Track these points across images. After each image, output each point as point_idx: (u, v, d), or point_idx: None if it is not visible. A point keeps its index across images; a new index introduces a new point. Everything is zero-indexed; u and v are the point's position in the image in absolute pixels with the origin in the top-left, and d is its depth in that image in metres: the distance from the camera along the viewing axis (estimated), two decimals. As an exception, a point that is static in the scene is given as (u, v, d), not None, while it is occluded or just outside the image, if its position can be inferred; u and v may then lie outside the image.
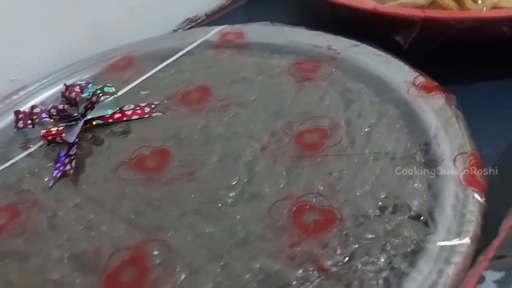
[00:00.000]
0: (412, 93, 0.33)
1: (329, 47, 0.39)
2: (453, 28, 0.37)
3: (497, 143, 0.33)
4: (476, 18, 0.36)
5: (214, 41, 0.43)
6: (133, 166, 0.32)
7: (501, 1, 0.37)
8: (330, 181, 0.28)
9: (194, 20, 0.55)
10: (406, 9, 0.38)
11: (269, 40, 0.42)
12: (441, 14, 0.37)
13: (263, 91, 0.37)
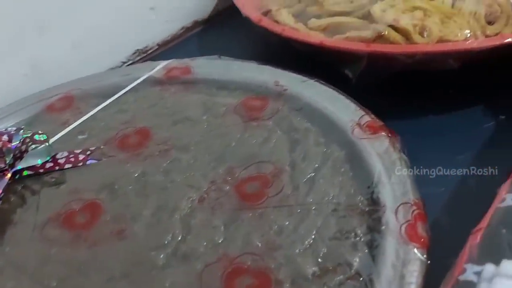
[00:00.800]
0: (357, 134, 0.31)
1: (276, 83, 0.38)
2: (400, 62, 0.37)
3: (444, 183, 0.32)
4: (422, 52, 0.35)
5: (159, 77, 0.41)
6: (61, 223, 0.29)
7: (447, 34, 0.36)
8: (269, 236, 0.27)
9: (144, 51, 0.53)
10: (351, 44, 0.37)
11: (216, 75, 0.40)
12: (386, 49, 0.36)
13: (207, 133, 0.35)
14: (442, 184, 0.32)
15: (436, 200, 0.31)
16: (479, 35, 0.38)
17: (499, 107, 0.37)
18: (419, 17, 0.37)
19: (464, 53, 0.35)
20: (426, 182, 0.30)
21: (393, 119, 0.34)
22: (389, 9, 0.39)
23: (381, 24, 0.38)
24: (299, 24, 0.42)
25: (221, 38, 0.54)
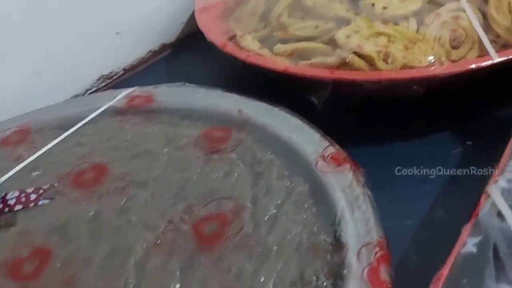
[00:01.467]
0: (321, 166, 0.30)
1: (240, 112, 0.37)
2: (365, 88, 0.36)
3: (412, 215, 0.31)
4: (386, 79, 0.35)
5: (120, 107, 0.40)
6: (7, 272, 0.27)
7: (411, 60, 0.35)
8: (228, 281, 0.25)
9: (110, 77, 0.51)
10: (316, 70, 0.37)
11: (179, 104, 0.39)
12: (351, 76, 0.35)
13: (166, 167, 0.33)
14: (409, 216, 0.31)
15: (403, 234, 0.30)
16: (444, 60, 0.37)
17: (466, 132, 0.37)
18: (383, 43, 0.36)
19: (428, 79, 0.35)
20: (392, 215, 0.29)
21: (358, 147, 0.33)
22: (353, 35, 0.38)
23: (346, 51, 0.37)
24: (264, 49, 0.41)
25: (188, 62, 0.53)
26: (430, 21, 0.38)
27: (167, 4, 0.54)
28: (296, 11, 0.44)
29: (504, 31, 0.38)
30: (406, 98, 0.36)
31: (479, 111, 0.38)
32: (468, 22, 0.38)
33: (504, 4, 0.38)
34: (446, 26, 0.38)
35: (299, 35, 0.42)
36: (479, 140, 0.36)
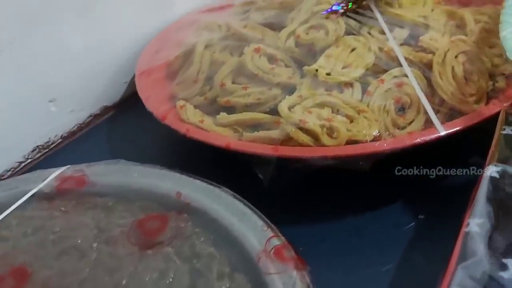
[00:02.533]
0: (264, 264, 0.28)
1: (179, 195, 0.34)
2: (311, 164, 0.34)
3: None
4: (329, 156, 0.33)
5: (50, 191, 0.36)
6: None
7: (355, 134, 0.34)
8: None
9: (46, 147, 0.48)
10: (258, 147, 0.34)
11: (114, 185, 0.36)
12: (294, 153, 0.34)
13: (95, 267, 0.30)
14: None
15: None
16: (390, 131, 0.36)
17: (418, 205, 0.36)
18: (327, 116, 0.35)
19: (373, 155, 0.33)
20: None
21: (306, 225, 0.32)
22: (297, 106, 0.37)
23: (289, 124, 0.35)
24: (206, 120, 0.39)
25: (131, 125, 0.50)
26: (374, 89, 0.37)
27: (109, 64, 0.51)
28: (240, 76, 0.43)
29: (449, 96, 0.37)
30: (354, 174, 0.35)
31: (431, 179, 0.37)
32: (412, 88, 0.38)
33: (448, 69, 0.38)
34: (390, 93, 0.37)
35: (244, 102, 0.41)
36: (433, 213, 0.35)
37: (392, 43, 0.40)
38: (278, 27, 0.46)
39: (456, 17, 0.44)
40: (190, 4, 0.58)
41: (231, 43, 0.46)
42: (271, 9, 0.47)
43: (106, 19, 0.49)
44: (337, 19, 0.42)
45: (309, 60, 0.42)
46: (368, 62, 0.40)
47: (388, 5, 0.45)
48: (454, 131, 0.33)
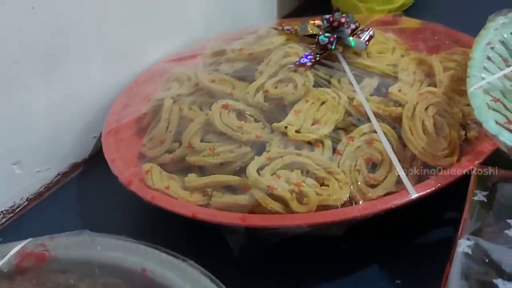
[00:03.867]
0: None
1: (144, 271, 0.32)
2: (282, 232, 0.33)
3: None
4: (301, 224, 0.32)
5: (9, 270, 0.34)
6: None
7: (326, 199, 0.33)
8: None
9: (11, 211, 0.45)
10: (226, 216, 0.33)
11: (76, 262, 0.34)
12: (262, 222, 0.32)
13: None
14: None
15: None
16: (363, 190, 0.35)
17: (394, 269, 0.34)
18: (296, 180, 0.34)
19: (345, 222, 0.32)
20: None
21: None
22: (266, 168, 0.35)
23: (258, 190, 0.34)
24: (172, 186, 0.37)
25: (100, 182, 0.48)
26: (344, 147, 0.37)
27: (76, 120, 0.50)
28: (209, 133, 0.41)
29: (421, 152, 0.36)
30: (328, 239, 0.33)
31: (407, 240, 0.36)
32: (383, 145, 0.37)
33: (418, 123, 0.37)
34: (360, 151, 0.36)
35: (212, 162, 0.40)
36: (410, 278, 0.33)
37: (361, 97, 0.39)
38: (248, 79, 0.46)
39: (425, 64, 0.44)
40: (160, 52, 0.57)
41: (199, 98, 0.45)
42: (240, 61, 0.47)
43: (71, 74, 0.48)
44: (306, 72, 0.42)
45: (279, 114, 0.41)
46: (337, 117, 0.39)
47: (356, 55, 0.44)
48: (425, 193, 0.32)
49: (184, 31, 0.60)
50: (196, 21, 0.62)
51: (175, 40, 0.59)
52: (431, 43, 0.51)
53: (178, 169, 0.42)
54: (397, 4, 0.67)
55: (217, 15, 0.64)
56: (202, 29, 0.62)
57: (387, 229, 0.35)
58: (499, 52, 0.40)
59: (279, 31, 0.48)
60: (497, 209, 0.28)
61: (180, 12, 0.59)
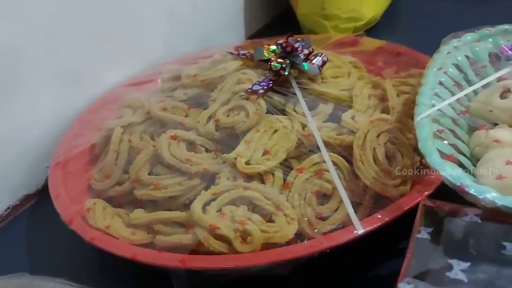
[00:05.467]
0: None
1: (80, 319, 0.31)
2: (225, 273, 0.32)
3: None
4: (244, 266, 0.30)
5: None
6: None
7: (272, 236, 0.31)
8: None
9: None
10: (166, 258, 0.31)
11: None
12: (203, 264, 0.31)
13: None
14: None
15: None
16: (313, 223, 0.34)
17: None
18: (241, 218, 0.32)
19: (290, 261, 0.31)
20: None
21: None
22: (212, 203, 0.34)
23: (202, 229, 0.33)
24: (114, 225, 0.35)
25: (52, 215, 0.45)
26: (293, 179, 0.35)
27: (27, 151, 0.48)
28: (158, 165, 0.40)
29: (372, 182, 0.35)
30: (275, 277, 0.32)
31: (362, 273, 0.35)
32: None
33: (368, 152, 0.36)
34: (309, 183, 0.35)
35: (160, 196, 0.38)
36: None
37: (311, 125, 0.38)
38: (202, 106, 0.44)
39: (380, 88, 0.43)
40: (118, 77, 0.55)
41: (151, 127, 0.43)
42: (194, 87, 0.45)
43: (21, 104, 0.46)
44: (257, 100, 0.40)
45: (232, 144, 0.40)
46: (289, 146, 0.38)
47: (311, 81, 0.43)
48: (372, 229, 0.31)
49: (143, 53, 0.59)
50: (156, 43, 0.60)
51: (134, 64, 0.57)
52: (391, 65, 0.50)
53: (128, 202, 0.40)
54: (362, 22, 0.66)
55: (180, 36, 0.63)
56: (164, 51, 0.61)
57: (343, 260, 0.33)
58: (452, 77, 0.39)
59: (235, 56, 0.47)
60: (442, 248, 0.27)
61: (138, 34, 0.57)
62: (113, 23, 0.54)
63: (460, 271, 0.25)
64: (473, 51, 0.41)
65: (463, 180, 0.27)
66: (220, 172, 0.37)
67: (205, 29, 0.66)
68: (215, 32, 0.68)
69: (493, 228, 0.27)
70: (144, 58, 0.58)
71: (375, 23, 0.69)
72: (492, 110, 0.33)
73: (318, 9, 0.65)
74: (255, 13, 0.75)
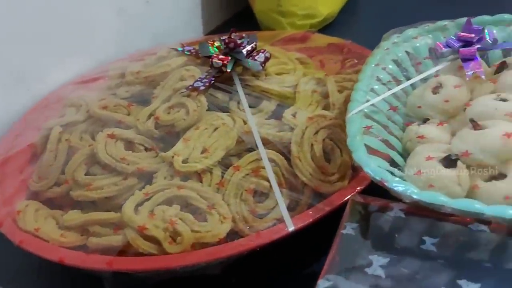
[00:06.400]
0: None
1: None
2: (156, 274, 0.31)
3: None
4: (173, 267, 0.30)
5: None
6: None
7: (204, 236, 0.31)
8: None
9: None
10: (92, 261, 0.31)
11: None
12: (130, 266, 0.30)
13: None
14: None
15: None
16: (249, 221, 0.33)
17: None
18: (172, 218, 0.32)
19: (220, 260, 0.30)
20: None
21: None
22: (146, 203, 0.33)
23: (132, 230, 0.32)
24: (45, 227, 0.34)
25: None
26: (229, 177, 0.35)
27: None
28: (96, 165, 0.39)
29: (309, 178, 0.35)
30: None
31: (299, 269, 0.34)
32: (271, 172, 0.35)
33: (306, 148, 0.36)
34: (246, 181, 0.34)
35: (96, 197, 0.37)
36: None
37: (251, 123, 0.38)
38: (145, 104, 0.43)
39: (324, 84, 0.43)
40: (66, 75, 0.54)
41: (91, 126, 0.42)
42: (137, 84, 0.44)
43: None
44: (198, 97, 0.40)
45: (172, 141, 0.39)
46: (229, 143, 0.37)
47: (255, 77, 0.43)
48: (303, 226, 0.31)
49: (93, 51, 0.57)
50: (107, 40, 0.59)
51: (84, 62, 0.56)
52: (340, 61, 0.50)
53: (68, 203, 0.39)
54: (319, 19, 0.66)
55: (132, 32, 0.61)
56: (116, 48, 0.59)
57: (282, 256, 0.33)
58: (390, 73, 0.39)
59: (179, 52, 0.46)
60: (370, 243, 0.27)
61: (87, 32, 0.55)
62: (60, 20, 0.52)
63: (379, 267, 0.25)
64: (413, 46, 0.41)
65: (383, 175, 0.27)
66: (158, 171, 0.37)
67: (160, 25, 0.64)
68: (171, 29, 0.66)
69: (416, 222, 0.27)
70: (95, 56, 0.57)
71: (332, 20, 0.69)
72: (420, 106, 0.33)
73: (274, 6, 0.65)
74: (214, 9, 0.74)
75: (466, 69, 0.33)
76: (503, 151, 0.27)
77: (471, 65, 0.33)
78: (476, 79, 0.34)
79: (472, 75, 0.33)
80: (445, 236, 0.26)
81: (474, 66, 0.33)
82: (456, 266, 0.25)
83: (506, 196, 0.25)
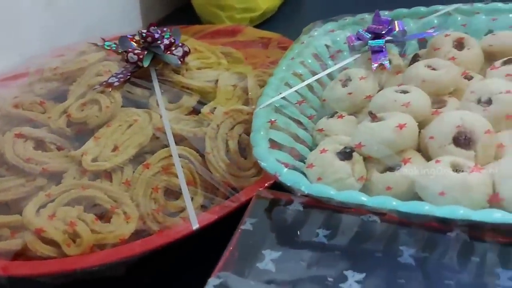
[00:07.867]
0: None
1: None
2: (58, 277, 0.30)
3: None
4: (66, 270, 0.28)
5: None
6: None
7: (105, 237, 0.30)
8: None
9: None
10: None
11: None
12: (26, 271, 0.29)
13: None
14: None
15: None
16: (159, 220, 0.32)
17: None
18: (72, 219, 0.30)
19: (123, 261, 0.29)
20: None
21: None
22: (49, 205, 0.32)
23: (30, 233, 0.31)
24: None
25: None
26: (139, 174, 0.34)
27: None
28: (3, 165, 0.37)
29: (222, 174, 0.34)
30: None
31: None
32: (184, 170, 0.34)
33: (220, 144, 0.35)
34: (156, 179, 0.34)
35: (3, 200, 0.35)
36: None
37: (163, 119, 0.36)
38: (61, 101, 0.42)
39: (245, 78, 0.42)
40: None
41: (5, 127, 0.40)
42: (54, 81, 0.43)
43: None
44: (112, 93, 0.38)
45: (86, 140, 0.37)
46: (142, 140, 0.36)
47: (175, 72, 0.42)
48: (208, 223, 0.30)
49: (18, 46, 0.55)
50: (33, 34, 0.56)
51: (8, 57, 0.53)
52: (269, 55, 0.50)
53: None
54: (258, 13, 0.65)
55: (62, 26, 0.59)
56: (43, 43, 0.57)
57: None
58: (308, 66, 0.39)
59: (99, 47, 0.44)
60: (264, 238, 0.27)
61: (11, 25, 0.53)
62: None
63: (270, 261, 0.24)
64: (333, 40, 0.41)
65: (277, 170, 0.26)
66: (67, 171, 0.35)
67: (93, 18, 0.62)
68: (106, 22, 0.64)
69: (314, 215, 0.27)
70: (20, 51, 0.54)
71: (272, 14, 0.68)
72: (325, 100, 0.33)
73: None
74: (152, 2, 0.72)
75: (374, 61, 0.33)
76: (396, 143, 0.27)
77: (378, 57, 0.33)
78: (385, 71, 0.34)
79: (378, 67, 0.33)
80: (339, 228, 0.26)
81: (381, 58, 0.33)
82: (349, 257, 0.25)
83: (387, 187, 0.25)
